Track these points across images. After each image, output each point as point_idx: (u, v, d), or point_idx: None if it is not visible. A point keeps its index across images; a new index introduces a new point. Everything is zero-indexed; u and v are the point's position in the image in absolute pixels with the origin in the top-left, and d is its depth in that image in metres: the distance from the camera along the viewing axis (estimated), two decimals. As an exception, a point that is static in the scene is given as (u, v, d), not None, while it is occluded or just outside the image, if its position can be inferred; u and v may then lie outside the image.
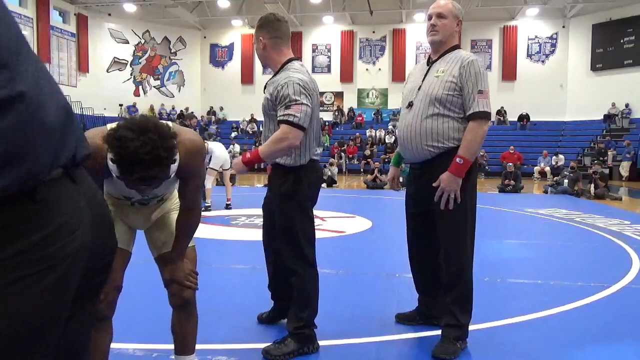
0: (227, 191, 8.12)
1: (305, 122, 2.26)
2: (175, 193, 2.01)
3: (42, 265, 0.90)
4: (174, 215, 2.00)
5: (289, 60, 2.41)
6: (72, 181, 0.99)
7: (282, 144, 2.23)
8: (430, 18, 2.54)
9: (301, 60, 2.49)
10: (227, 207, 7.92)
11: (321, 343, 2.57)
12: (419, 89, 2.54)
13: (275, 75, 2.41)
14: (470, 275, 2.53)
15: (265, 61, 2.48)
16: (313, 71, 23.46)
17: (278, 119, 2.27)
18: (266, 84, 2.46)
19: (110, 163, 1.49)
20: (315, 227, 3.04)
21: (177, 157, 1.59)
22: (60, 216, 0.93)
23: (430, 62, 2.59)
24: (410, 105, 2.55)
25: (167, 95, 24.56)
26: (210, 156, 7.80)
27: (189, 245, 1.97)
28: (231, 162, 8.38)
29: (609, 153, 17.64)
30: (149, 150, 1.39)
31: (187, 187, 1.85)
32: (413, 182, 2.67)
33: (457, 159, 2.37)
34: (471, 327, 2.62)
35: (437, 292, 2.78)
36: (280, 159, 2.38)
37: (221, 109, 24.04)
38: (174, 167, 1.57)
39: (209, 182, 7.90)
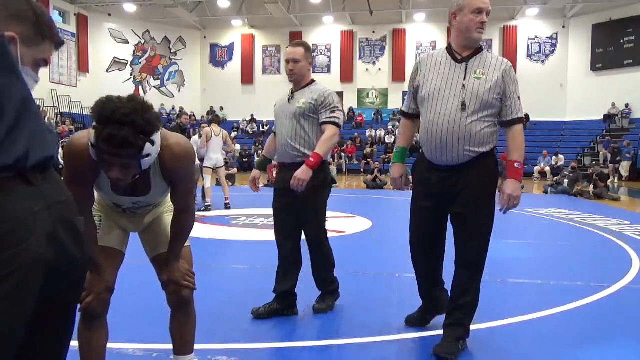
0: (225, 191, 8.12)
1: (342, 124, 2.93)
2: (168, 198, 2.00)
3: None
4: (168, 217, 1.99)
5: (313, 80, 3.01)
6: (27, 183, 0.86)
7: (333, 140, 2.85)
8: (479, 13, 2.35)
9: None
10: (227, 207, 7.91)
11: (321, 343, 2.58)
12: (463, 87, 2.37)
13: (302, 88, 2.95)
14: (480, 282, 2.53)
15: (301, 77, 2.95)
16: (313, 71, 23.18)
17: (324, 120, 2.84)
18: (294, 94, 2.96)
19: (91, 132, 1.50)
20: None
21: (157, 142, 1.57)
22: (1, 223, 0.80)
23: (459, 60, 2.43)
24: (463, 105, 2.35)
25: (167, 95, 24.56)
26: (204, 156, 7.81)
27: (184, 246, 1.96)
28: (226, 162, 8.38)
29: (608, 153, 17.62)
30: (127, 113, 1.44)
31: (178, 191, 1.85)
32: (436, 184, 2.49)
33: (516, 164, 2.40)
34: (471, 327, 2.62)
35: (438, 286, 2.78)
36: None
37: (221, 109, 24.05)
38: (151, 148, 1.53)
39: (208, 182, 7.90)
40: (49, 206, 0.89)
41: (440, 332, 2.57)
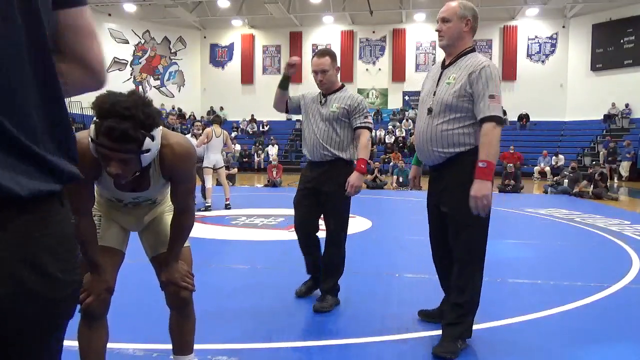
0: (225, 191, 8.12)
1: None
2: (168, 197, 2.00)
3: None
4: (168, 217, 1.99)
5: (343, 85, 3.23)
6: None
7: (369, 143, 3.10)
8: (437, 23, 2.55)
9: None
10: (227, 207, 7.91)
11: (321, 343, 2.57)
12: (434, 94, 2.55)
13: (334, 93, 3.15)
14: (481, 281, 2.53)
15: (331, 84, 3.14)
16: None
17: (359, 124, 3.09)
18: (326, 98, 3.16)
19: (91, 127, 1.50)
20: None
21: (157, 138, 1.57)
22: None
23: (444, 66, 2.58)
24: (430, 111, 2.54)
25: (167, 95, 24.56)
26: (201, 156, 7.82)
27: (184, 246, 1.96)
28: (227, 166, 8.35)
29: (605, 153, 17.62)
30: (127, 107, 1.44)
31: (178, 191, 1.84)
32: (430, 182, 2.72)
33: (480, 164, 2.38)
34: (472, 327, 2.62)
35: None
36: (345, 154, 3.12)
37: (221, 109, 24.04)
38: (151, 144, 1.53)
39: (209, 182, 7.90)
40: (8, 240, 0.75)
41: (440, 332, 2.57)
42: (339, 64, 3.23)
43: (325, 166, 3.13)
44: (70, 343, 1.82)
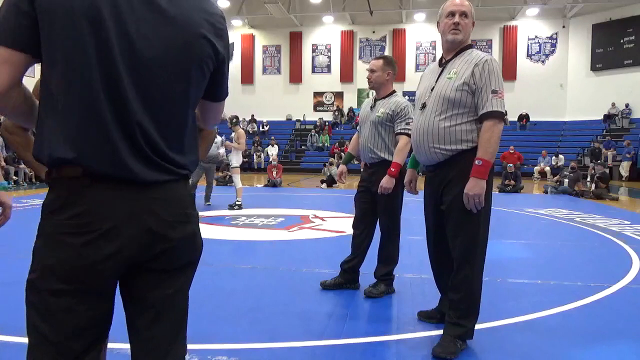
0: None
1: None
2: None
3: None
4: None
5: (394, 91, 3.43)
6: None
7: (406, 148, 3.18)
8: (452, 15, 2.44)
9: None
10: (239, 207, 7.92)
11: (321, 343, 2.57)
12: (432, 90, 2.51)
13: (383, 98, 3.37)
14: (479, 280, 2.51)
15: (381, 87, 3.38)
16: (313, 71, 23.46)
17: (398, 130, 3.25)
18: (375, 103, 3.38)
19: None
20: (316, 227, 3.10)
21: None
22: None
23: (443, 63, 2.54)
24: (423, 106, 2.52)
25: (167, 95, 24.54)
26: (228, 155, 8.11)
27: None
28: (227, 164, 8.45)
29: (608, 153, 17.62)
30: None
31: None
32: (428, 182, 2.64)
33: (477, 161, 2.34)
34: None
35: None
36: (390, 156, 3.28)
37: (221, 109, 24.02)
38: None
39: (239, 181, 8.05)
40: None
41: (440, 332, 2.57)
42: (394, 71, 3.42)
43: (374, 168, 3.36)
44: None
